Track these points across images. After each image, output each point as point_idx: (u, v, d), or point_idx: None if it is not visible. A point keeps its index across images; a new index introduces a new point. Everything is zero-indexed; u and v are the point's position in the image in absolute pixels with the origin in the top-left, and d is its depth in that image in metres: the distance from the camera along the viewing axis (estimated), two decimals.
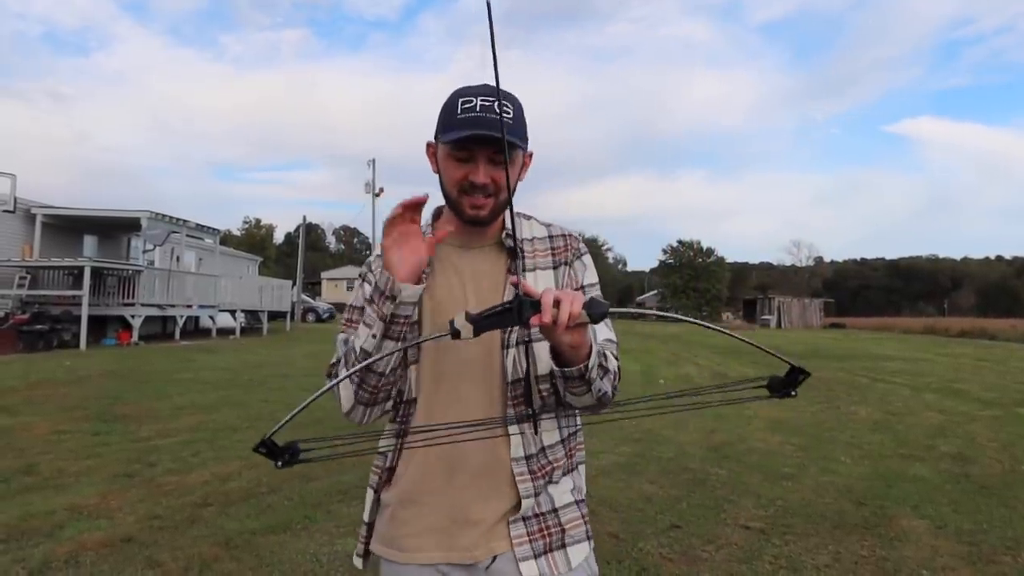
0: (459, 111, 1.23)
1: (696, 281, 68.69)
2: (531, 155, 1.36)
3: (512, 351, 1.30)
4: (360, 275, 1.40)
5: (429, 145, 1.34)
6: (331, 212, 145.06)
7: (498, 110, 1.17)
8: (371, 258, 1.41)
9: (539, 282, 1.34)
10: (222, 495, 4.69)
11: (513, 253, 1.32)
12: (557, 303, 1.02)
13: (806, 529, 4.18)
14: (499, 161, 1.23)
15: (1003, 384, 11.99)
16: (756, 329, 33.12)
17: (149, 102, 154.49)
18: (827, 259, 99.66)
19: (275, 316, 28.20)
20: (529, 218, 1.45)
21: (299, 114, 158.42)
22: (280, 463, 1.07)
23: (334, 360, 1.34)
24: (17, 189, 17.33)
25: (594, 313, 1.03)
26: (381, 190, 39.41)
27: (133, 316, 17.87)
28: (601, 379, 1.20)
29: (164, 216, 19.93)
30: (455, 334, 1.00)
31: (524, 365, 1.29)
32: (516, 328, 1.28)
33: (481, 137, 1.20)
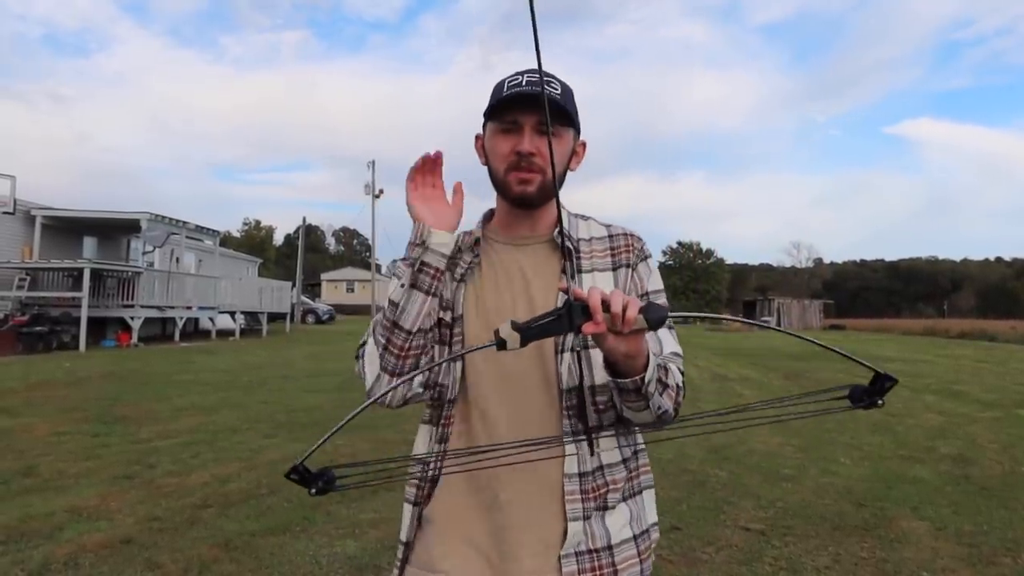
0: (505, 88, 1.20)
1: (696, 282, 68.76)
2: (584, 145, 1.30)
3: (567, 356, 1.20)
4: (388, 270, 1.35)
5: (477, 138, 1.30)
6: (331, 213, 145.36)
7: (540, 82, 1.15)
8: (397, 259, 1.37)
9: (598, 283, 1.24)
10: (221, 496, 4.68)
11: (567, 253, 1.25)
12: (607, 306, 0.93)
13: (806, 530, 4.18)
14: (554, 133, 1.19)
15: (1003, 385, 11.99)
16: (754, 331, 33.07)
17: (149, 103, 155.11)
18: (827, 260, 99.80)
19: (275, 318, 28.20)
20: (587, 218, 1.36)
21: (299, 115, 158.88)
22: (314, 491, 0.99)
23: (362, 340, 1.26)
24: (17, 191, 17.32)
25: (651, 318, 0.93)
26: (381, 191, 39.44)
27: (133, 318, 17.86)
28: (660, 395, 1.11)
29: (164, 218, 19.93)
30: (500, 344, 0.92)
31: (579, 373, 1.19)
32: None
33: (525, 98, 1.16)
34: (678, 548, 3.84)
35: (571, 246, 1.26)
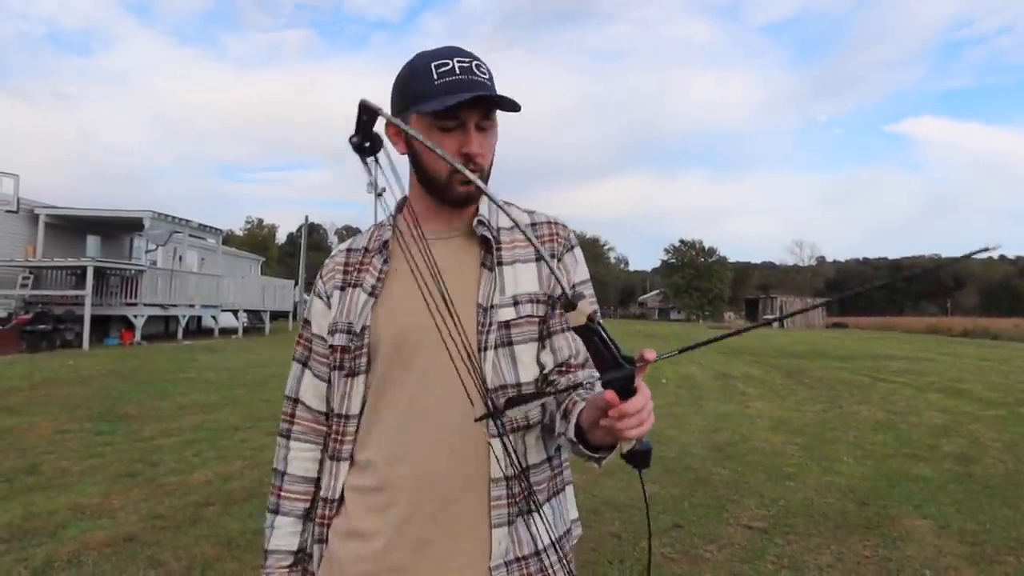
0: (435, 76, 1.11)
1: (698, 280, 68.65)
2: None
3: (491, 354, 1.13)
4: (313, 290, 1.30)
5: (390, 126, 1.16)
6: (333, 212, 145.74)
7: (475, 69, 1.12)
8: (323, 270, 1.29)
9: (519, 278, 1.18)
10: (224, 495, 4.69)
11: (487, 243, 1.19)
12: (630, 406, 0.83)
13: (808, 529, 4.18)
14: (487, 127, 1.14)
15: (1007, 384, 11.96)
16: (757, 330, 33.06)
17: (153, 102, 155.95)
18: (829, 259, 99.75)
19: (277, 316, 28.24)
20: (509, 204, 1.28)
21: (301, 114, 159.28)
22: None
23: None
24: (21, 190, 17.34)
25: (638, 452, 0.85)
26: (383, 190, 39.43)
27: (136, 316, 17.89)
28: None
29: (166, 216, 19.94)
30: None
31: (506, 371, 1.13)
32: (493, 327, 1.13)
33: (478, 99, 1.09)
34: (680, 546, 3.84)
35: (491, 236, 1.19)
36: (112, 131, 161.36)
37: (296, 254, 49.85)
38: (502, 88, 1.18)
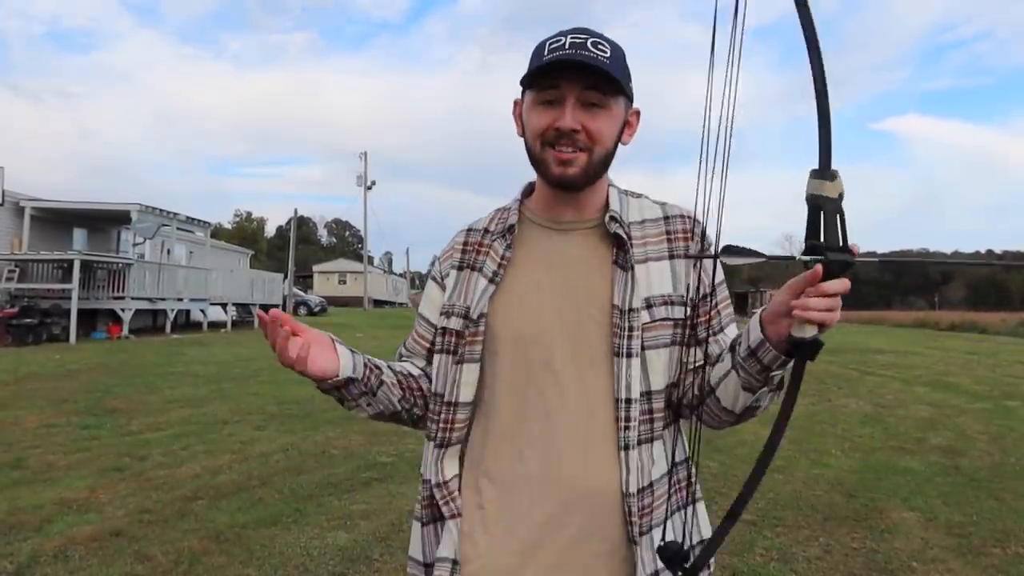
0: (546, 51, 1.03)
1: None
2: (638, 113, 1.13)
3: (625, 361, 1.04)
4: (428, 274, 1.25)
5: (516, 104, 1.14)
6: (323, 205, 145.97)
7: (590, 46, 1.01)
8: (442, 252, 1.23)
9: (652, 278, 1.09)
10: (212, 489, 4.66)
11: (620, 240, 1.09)
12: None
13: (797, 521, 4.20)
14: (593, 102, 1.04)
15: (993, 377, 12.05)
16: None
17: (151, 100, 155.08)
18: None
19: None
20: (639, 196, 1.20)
21: (297, 111, 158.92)
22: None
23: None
24: (13, 184, 17.21)
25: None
26: (373, 183, 39.29)
27: (123, 309, 17.75)
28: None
29: (154, 209, 19.78)
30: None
31: (639, 379, 1.05)
32: (634, 331, 1.04)
33: (569, 64, 1.00)
34: None
35: (624, 233, 1.10)
36: (113, 128, 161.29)
37: (285, 247, 49.66)
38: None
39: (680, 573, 0.93)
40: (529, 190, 1.19)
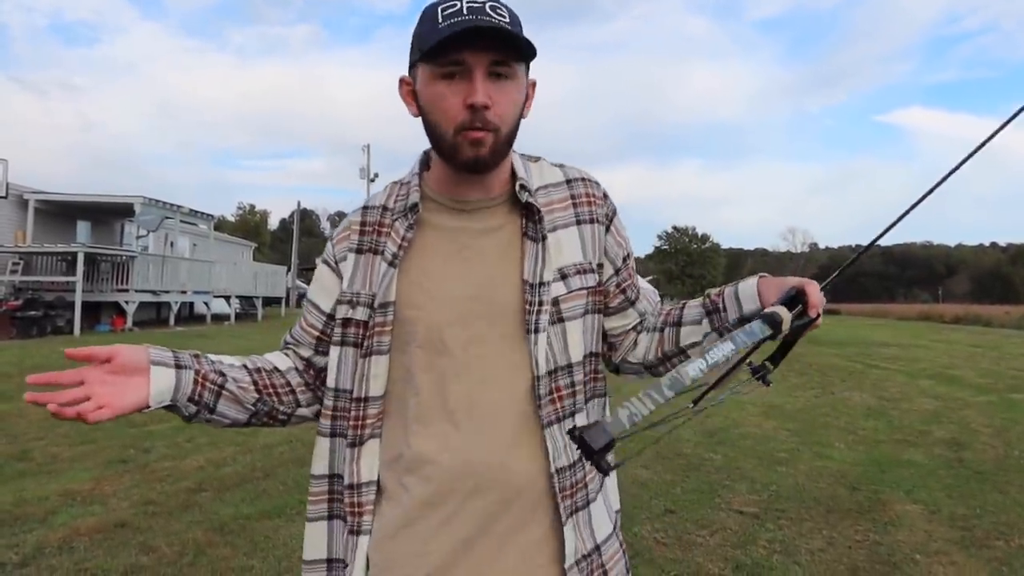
0: (440, 19, 0.94)
1: (691, 267, 68.65)
2: (535, 84, 1.05)
3: (542, 336, 1.00)
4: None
5: (403, 82, 1.04)
6: (326, 198, 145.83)
7: (488, 10, 0.93)
8: (336, 233, 1.13)
9: (563, 246, 1.05)
10: (216, 480, 4.68)
11: (529, 209, 1.04)
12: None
13: (800, 514, 4.19)
14: (505, 76, 0.96)
15: (997, 370, 12.03)
16: None
17: (155, 93, 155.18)
18: (822, 246, 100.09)
19: (270, 302, 28.16)
20: (538, 160, 1.13)
21: (302, 104, 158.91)
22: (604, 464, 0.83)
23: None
24: (17, 177, 17.19)
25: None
26: (376, 175, 39.24)
27: (127, 302, 17.79)
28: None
29: (157, 201, 19.81)
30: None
31: (558, 353, 1.02)
32: (544, 306, 1.01)
33: (475, 31, 0.90)
34: (672, 531, 3.85)
35: (534, 203, 1.04)
36: (116, 120, 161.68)
37: (289, 240, 49.72)
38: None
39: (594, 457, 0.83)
40: (425, 162, 1.10)
